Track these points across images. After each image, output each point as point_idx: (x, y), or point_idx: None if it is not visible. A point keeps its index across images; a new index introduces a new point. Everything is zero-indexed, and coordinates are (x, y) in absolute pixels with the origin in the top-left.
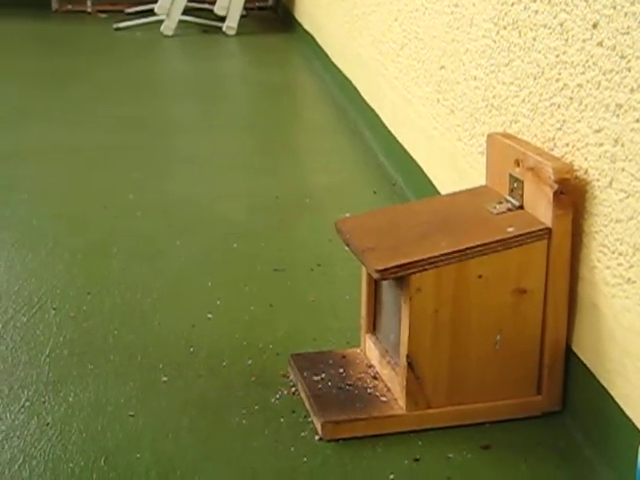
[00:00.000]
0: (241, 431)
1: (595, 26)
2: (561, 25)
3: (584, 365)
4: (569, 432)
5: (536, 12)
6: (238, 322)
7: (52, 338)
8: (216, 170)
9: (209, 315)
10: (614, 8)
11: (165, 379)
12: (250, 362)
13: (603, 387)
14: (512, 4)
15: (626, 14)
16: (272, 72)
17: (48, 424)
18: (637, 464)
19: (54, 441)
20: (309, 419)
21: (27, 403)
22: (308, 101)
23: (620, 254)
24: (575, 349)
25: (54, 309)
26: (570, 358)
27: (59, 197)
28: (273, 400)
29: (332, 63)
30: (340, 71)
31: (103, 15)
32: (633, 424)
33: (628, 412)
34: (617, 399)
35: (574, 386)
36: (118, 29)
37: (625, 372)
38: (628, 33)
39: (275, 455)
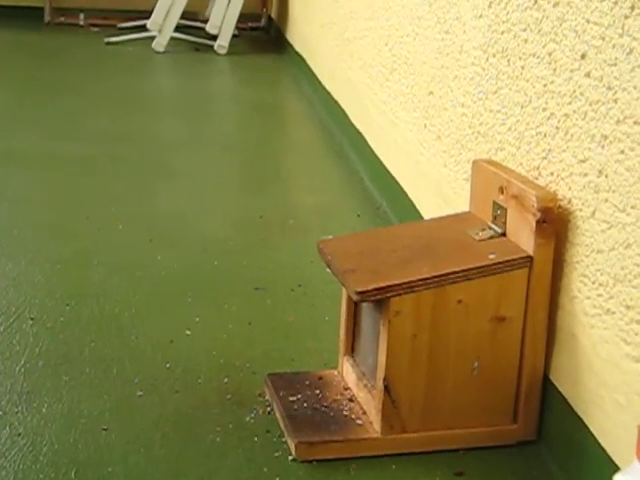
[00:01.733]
0: (214, 449)
1: (583, 57)
2: (550, 55)
3: (561, 395)
4: (544, 462)
5: (525, 41)
6: (216, 339)
7: (28, 348)
8: (201, 187)
9: (187, 331)
10: (603, 39)
11: (140, 393)
12: (226, 380)
13: (579, 418)
14: (502, 32)
15: (614, 46)
16: (261, 92)
17: (20, 434)
18: None
19: (25, 452)
20: (283, 439)
21: None
22: (296, 122)
23: (600, 285)
24: (552, 379)
25: (32, 319)
26: (547, 387)
27: (42, 206)
28: (248, 419)
29: (321, 85)
30: (329, 93)
31: (95, 29)
32: (608, 456)
33: (603, 444)
34: (593, 430)
35: (550, 416)
36: (109, 43)
37: (602, 403)
38: (615, 65)
39: (248, 474)
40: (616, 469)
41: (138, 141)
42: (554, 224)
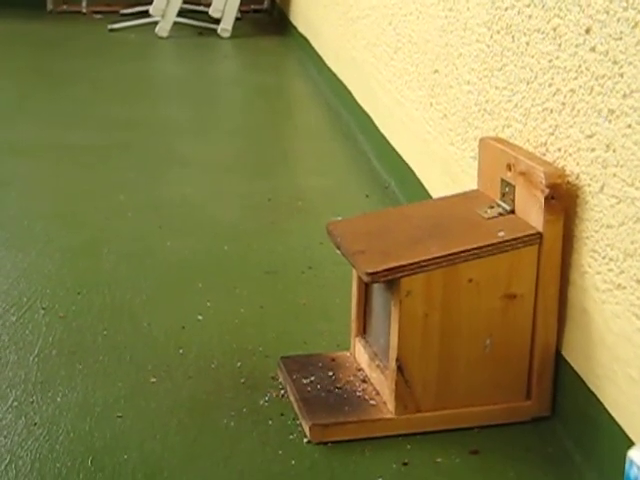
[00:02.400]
0: (229, 433)
1: (588, 31)
2: (554, 30)
3: (574, 371)
4: (558, 438)
5: (529, 17)
6: (228, 324)
7: (41, 338)
8: (208, 172)
9: (199, 317)
10: (607, 13)
11: (154, 380)
12: (239, 364)
13: (593, 393)
14: (506, 9)
15: (619, 19)
16: (266, 74)
17: (36, 424)
18: (625, 470)
19: (41, 441)
20: (297, 422)
21: (15, 403)
22: (302, 104)
23: (611, 260)
24: (565, 354)
25: (43, 309)
26: (560, 363)
27: (50, 196)
28: (262, 402)
29: (326, 66)
30: (334, 74)
31: (98, 16)
32: (622, 430)
33: (617, 418)
34: (606, 405)
35: (564, 392)
36: (113, 30)
37: (615, 378)
38: (621, 39)
39: (263, 457)
40: (630, 443)
41: (144, 128)
42: (563, 200)
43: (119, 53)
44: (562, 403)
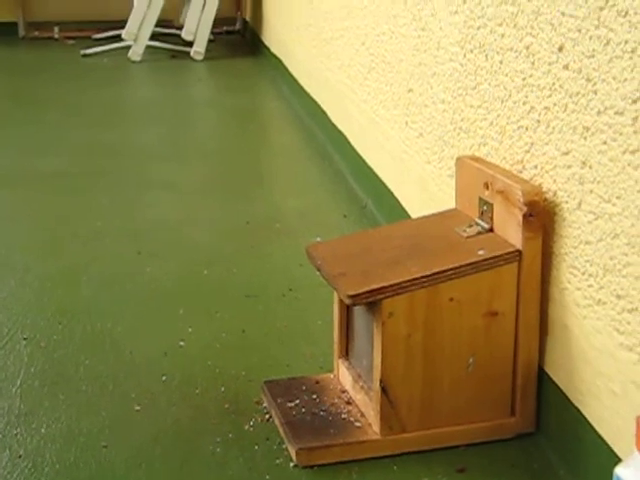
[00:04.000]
0: (215, 459)
1: (561, 49)
2: (527, 48)
3: (557, 386)
4: (543, 453)
5: (502, 36)
6: (210, 349)
7: (23, 369)
8: (185, 195)
9: (181, 342)
10: (579, 31)
11: (138, 408)
12: (223, 389)
13: (576, 408)
14: (478, 28)
15: (591, 37)
16: (240, 96)
17: (20, 456)
18: None
19: (27, 473)
20: (284, 446)
21: None
22: (277, 125)
23: (590, 275)
24: (548, 370)
25: (25, 339)
26: (543, 379)
27: (28, 224)
28: (247, 427)
29: (300, 87)
30: (308, 95)
31: (71, 41)
32: (607, 445)
33: (601, 433)
34: (590, 420)
35: (547, 407)
36: (85, 55)
37: (598, 393)
38: (593, 56)
39: None
40: (615, 458)
41: (120, 153)
42: (541, 217)
43: (92, 78)
44: (546, 419)
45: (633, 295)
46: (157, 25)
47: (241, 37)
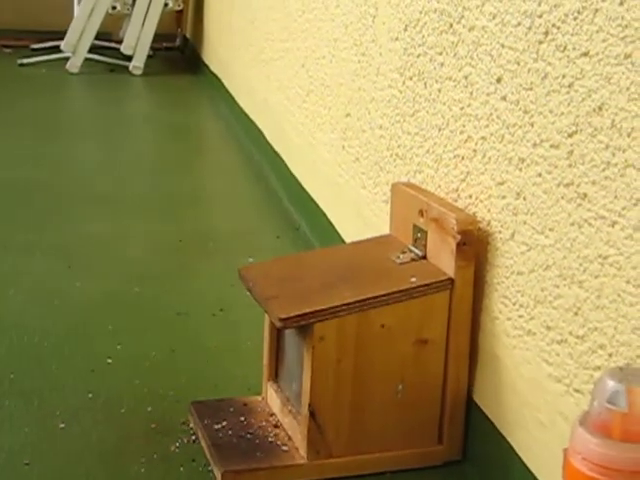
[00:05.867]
0: None
1: (499, 80)
2: (466, 78)
3: (485, 415)
4: None
5: (442, 64)
6: (138, 367)
7: None
8: (119, 211)
9: (109, 360)
10: (518, 64)
11: (62, 425)
12: (150, 409)
13: (504, 437)
14: (418, 55)
15: (529, 70)
16: (178, 114)
17: None
18: None
19: None
20: (209, 468)
21: None
22: (214, 144)
23: (521, 306)
24: (476, 399)
25: None
26: (471, 408)
27: None
28: (173, 448)
29: (238, 106)
30: (246, 115)
31: (8, 50)
32: (532, 474)
33: (527, 462)
34: (517, 450)
35: (475, 436)
36: (23, 65)
37: (525, 423)
38: (531, 89)
39: None
40: None
41: (54, 166)
42: (474, 246)
43: (29, 89)
44: (474, 447)
45: (562, 327)
46: (97, 38)
47: (181, 54)
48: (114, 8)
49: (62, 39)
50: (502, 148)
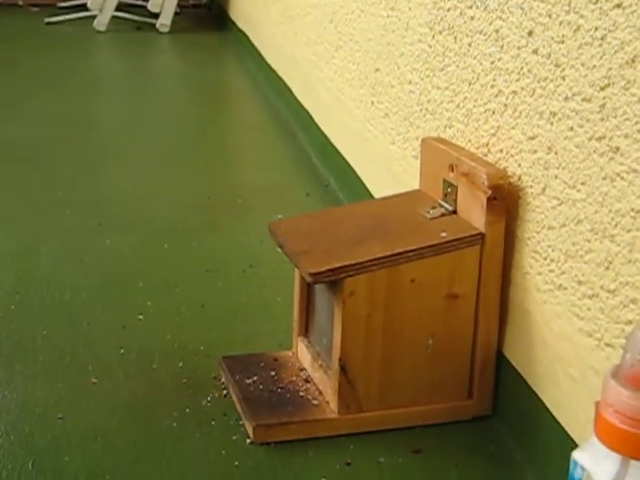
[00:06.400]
0: (171, 434)
1: (530, 34)
2: (497, 32)
3: (515, 370)
4: (499, 437)
5: (472, 18)
6: (169, 323)
7: None
8: (148, 168)
9: (140, 316)
10: (549, 17)
11: (95, 381)
12: (181, 364)
13: (534, 392)
14: (448, 9)
15: (561, 23)
16: (205, 71)
17: None
18: (569, 471)
19: None
20: (240, 422)
21: None
22: (241, 100)
23: (552, 260)
24: (507, 354)
25: None
26: (501, 363)
27: None
28: (204, 403)
29: (266, 63)
30: (274, 71)
31: (35, 9)
32: (563, 429)
33: (558, 417)
34: (548, 404)
35: (505, 391)
36: (50, 23)
37: (556, 378)
38: (563, 42)
39: (206, 459)
40: (572, 443)
41: (82, 123)
42: (505, 201)
43: (56, 47)
44: (504, 402)
45: (594, 281)
46: None
47: (208, 11)
48: None
49: None
50: (533, 102)
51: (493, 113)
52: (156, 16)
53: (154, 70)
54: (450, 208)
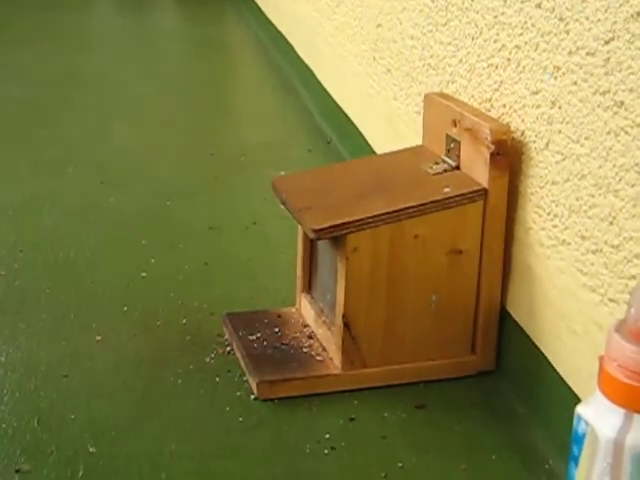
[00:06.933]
0: (176, 391)
1: None
2: None
3: (518, 326)
4: (503, 392)
5: None
6: (173, 281)
7: None
8: (150, 126)
9: (143, 274)
10: None
11: (99, 338)
12: (185, 321)
13: (537, 347)
14: None
15: None
16: (206, 27)
17: None
18: (573, 426)
19: None
20: (244, 378)
21: None
22: (242, 57)
23: (555, 216)
24: (510, 310)
25: None
26: (504, 319)
27: None
28: (208, 360)
29: (267, 19)
30: (275, 27)
31: None
32: (565, 383)
33: (561, 372)
34: (551, 359)
35: (508, 346)
36: None
37: (559, 332)
38: None
39: (210, 415)
40: (574, 397)
41: (82, 81)
42: (508, 156)
43: (56, 3)
44: (507, 357)
45: (598, 236)
46: None
47: None
48: None
49: None
50: (537, 57)
51: (496, 68)
52: None
53: (155, 28)
54: (453, 164)
